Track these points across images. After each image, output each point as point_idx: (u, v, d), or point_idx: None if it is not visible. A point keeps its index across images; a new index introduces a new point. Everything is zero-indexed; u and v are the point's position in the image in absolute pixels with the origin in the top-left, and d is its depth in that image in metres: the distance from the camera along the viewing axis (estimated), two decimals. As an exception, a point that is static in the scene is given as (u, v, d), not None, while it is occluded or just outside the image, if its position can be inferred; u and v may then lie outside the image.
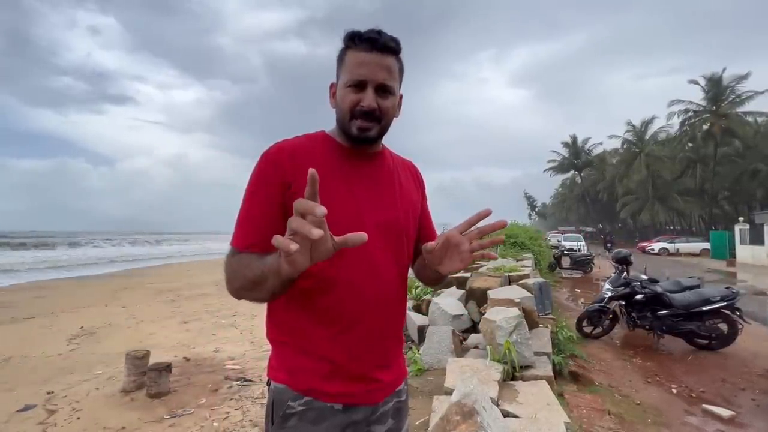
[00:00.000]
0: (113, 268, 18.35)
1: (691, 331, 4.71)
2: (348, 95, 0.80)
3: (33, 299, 9.06)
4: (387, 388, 0.88)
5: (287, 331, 0.84)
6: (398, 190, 0.91)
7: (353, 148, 0.86)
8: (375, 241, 0.82)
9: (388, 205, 0.87)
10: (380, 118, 0.82)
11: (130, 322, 6.44)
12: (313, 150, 0.83)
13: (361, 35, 0.79)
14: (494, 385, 2.28)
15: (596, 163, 41.80)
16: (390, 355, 0.89)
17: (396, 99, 0.85)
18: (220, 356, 4.50)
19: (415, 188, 0.98)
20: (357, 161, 0.86)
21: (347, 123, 0.82)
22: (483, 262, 6.67)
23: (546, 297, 4.36)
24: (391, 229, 0.87)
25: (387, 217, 0.86)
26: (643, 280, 5.10)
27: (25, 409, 3.20)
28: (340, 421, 0.81)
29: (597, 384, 3.42)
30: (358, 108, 0.80)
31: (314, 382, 0.81)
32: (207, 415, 2.99)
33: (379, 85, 0.80)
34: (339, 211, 0.79)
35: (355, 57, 0.80)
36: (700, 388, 3.67)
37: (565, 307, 7.13)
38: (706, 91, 26.62)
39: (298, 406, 0.80)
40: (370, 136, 0.82)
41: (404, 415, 0.95)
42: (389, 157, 0.94)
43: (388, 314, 0.86)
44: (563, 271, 12.61)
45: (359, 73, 0.79)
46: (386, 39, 0.80)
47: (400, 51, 0.83)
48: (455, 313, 4.00)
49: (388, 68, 0.81)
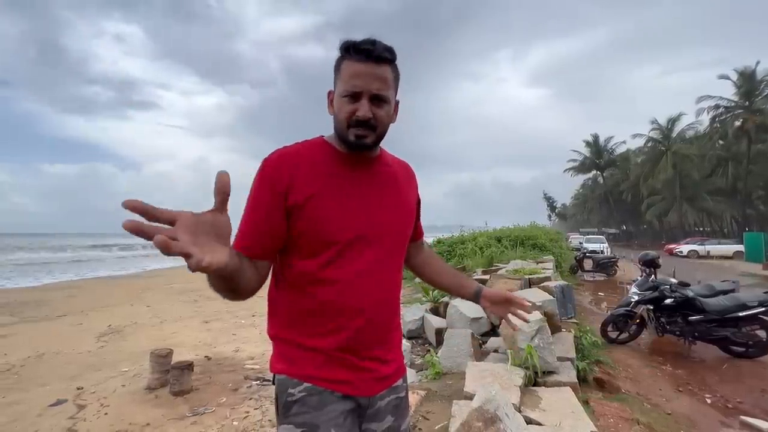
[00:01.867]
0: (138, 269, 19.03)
1: (725, 338, 4.46)
2: (344, 105, 0.83)
3: (65, 298, 9.49)
4: (384, 381, 0.91)
5: (286, 327, 0.88)
6: (396, 192, 0.95)
7: (351, 154, 0.89)
8: (372, 243, 0.87)
9: (386, 208, 0.91)
10: (375, 126, 0.84)
11: (154, 321, 6.64)
12: (313, 156, 0.87)
13: (356, 45, 0.82)
14: (516, 391, 2.22)
15: (619, 162, 40.50)
16: (387, 348, 0.93)
17: (391, 107, 0.88)
18: (240, 356, 4.57)
19: (411, 190, 1.02)
20: (355, 167, 0.89)
21: (345, 131, 0.85)
22: (502, 264, 6.57)
23: (568, 300, 4.23)
24: (388, 232, 0.91)
25: (384, 220, 0.90)
26: (672, 284, 4.87)
27: (57, 403, 3.34)
28: (341, 407, 0.84)
29: (624, 392, 3.28)
30: (354, 117, 0.83)
31: (312, 369, 0.84)
32: (227, 414, 3.04)
33: (374, 95, 0.83)
34: (337, 218, 0.84)
35: (350, 67, 0.83)
36: (736, 398, 3.46)
37: (588, 311, 6.90)
38: (739, 86, 25.41)
39: (298, 392, 0.83)
40: (366, 143, 0.85)
41: (404, 413, 0.96)
42: (387, 160, 0.97)
43: (384, 311, 0.90)
44: (585, 273, 12.23)
45: (354, 84, 0.82)
46: (380, 49, 0.82)
47: (395, 60, 0.86)
48: (474, 315, 3.93)
49: (383, 78, 0.83)
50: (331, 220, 0.83)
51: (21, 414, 3.16)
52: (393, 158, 1.01)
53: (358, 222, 0.86)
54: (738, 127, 25.68)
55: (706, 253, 21.44)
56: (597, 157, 41.68)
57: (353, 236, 0.85)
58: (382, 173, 0.94)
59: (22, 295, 10.15)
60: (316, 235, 0.83)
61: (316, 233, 0.83)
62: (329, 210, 0.83)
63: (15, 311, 7.75)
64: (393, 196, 0.94)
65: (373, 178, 0.92)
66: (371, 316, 0.87)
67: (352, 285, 0.85)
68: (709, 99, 26.96)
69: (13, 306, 8.34)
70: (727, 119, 26.94)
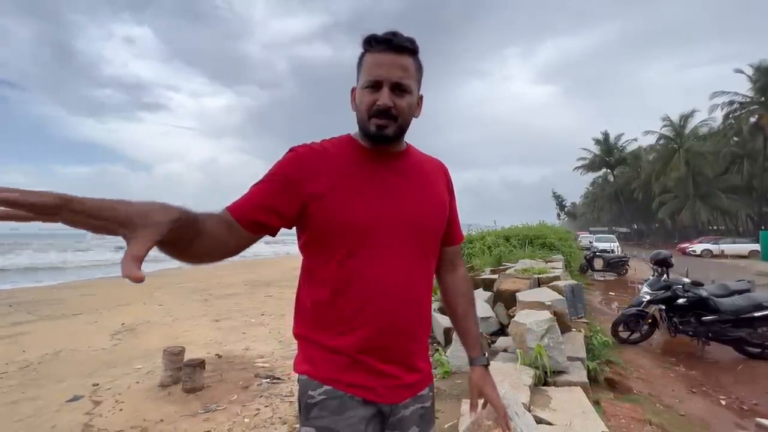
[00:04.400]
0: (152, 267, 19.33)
1: (740, 339, 4.38)
2: (365, 96, 0.82)
3: (80, 297, 9.69)
4: (409, 389, 0.87)
5: (311, 326, 0.87)
6: (423, 188, 0.90)
7: (376, 149, 0.87)
8: (397, 239, 0.84)
9: (412, 203, 0.87)
10: (396, 116, 0.82)
11: (167, 320, 6.75)
12: (338, 151, 0.86)
13: (377, 37, 0.81)
14: (525, 390, 2.21)
15: (630, 160, 39.82)
16: (412, 355, 0.88)
17: (414, 98, 0.85)
18: (250, 354, 4.63)
19: (444, 188, 0.98)
20: (380, 161, 0.87)
21: (366, 123, 0.83)
22: (511, 263, 6.51)
23: (578, 300, 4.19)
24: (414, 228, 0.86)
25: (410, 216, 0.86)
26: (685, 283, 4.79)
27: (73, 399, 3.42)
28: (361, 413, 0.81)
29: (636, 392, 3.24)
30: (375, 107, 0.81)
31: (334, 372, 0.82)
32: (238, 411, 3.08)
33: (395, 84, 0.81)
34: (357, 212, 0.82)
35: (372, 58, 0.82)
36: (752, 400, 3.39)
37: (598, 311, 6.82)
38: (754, 81, 24.79)
39: (318, 395, 0.82)
40: (387, 134, 0.83)
41: (429, 424, 0.93)
42: (415, 156, 0.94)
43: (409, 313, 0.86)
44: (595, 273, 12.08)
45: (375, 74, 0.81)
46: (401, 39, 0.81)
47: (417, 51, 0.84)
48: (483, 315, 3.92)
49: (404, 67, 0.81)
50: (350, 209, 0.82)
51: (39, 409, 3.24)
52: (422, 154, 0.98)
53: (379, 213, 0.83)
54: (753, 124, 25.07)
55: (721, 252, 20.98)
56: (607, 154, 41.05)
57: (373, 226, 0.82)
58: (408, 167, 0.90)
59: (40, 293, 10.39)
60: (335, 224, 0.81)
61: (336, 222, 0.81)
62: (349, 200, 0.82)
63: (32, 309, 7.94)
64: (419, 189, 0.89)
65: (397, 171, 0.88)
66: (395, 316, 0.83)
67: (375, 282, 0.82)
68: (723, 95, 26.40)
69: (31, 304, 8.54)
70: (742, 115, 26.32)
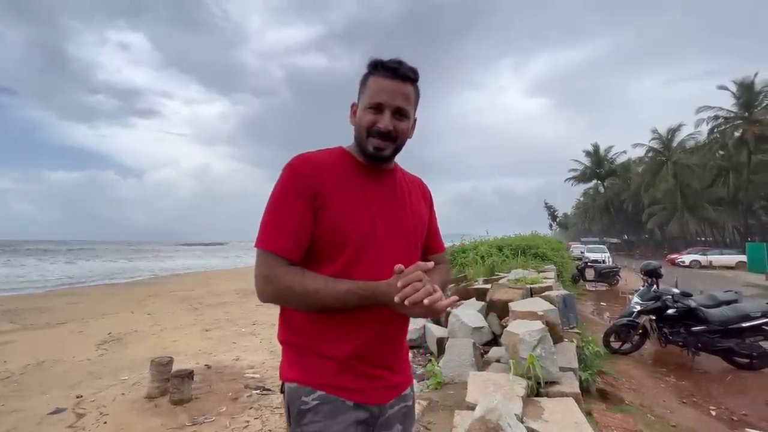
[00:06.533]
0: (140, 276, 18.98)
1: (729, 349, 4.42)
2: (367, 116, 0.88)
3: (66, 305, 9.48)
4: (394, 389, 0.94)
5: (300, 333, 0.90)
6: (408, 204, 0.99)
7: (369, 165, 0.93)
8: (387, 250, 0.91)
9: (400, 218, 0.95)
10: (395, 138, 0.89)
11: (155, 329, 6.62)
12: (335, 164, 0.90)
13: (384, 63, 0.88)
14: (518, 401, 2.20)
15: (620, 172, 40.55)
16: (396, 358, 0.95)
17: (411, 122, 0.93)
18: (240, 364, 4.55)
19: (423, 204, 1.07)
20: (373, 177, 0.94)
21: (364, 140, 0.89)
22: (504, 273, 6.55)
23: (570, 310, 4.21)
24: (404, 240, 0.95)
25: (398, 229, 0.94)
26: (674, 294, 4.85)
27: (56, 412, 3.32)
28: (353, 416, 0.85)
29: (627, 403, 3.24)
30: (375, 128, 0.87)
31: (325, 377, 0.86)
32: (227, 423, 3.01)
33: (397, 109, 0.88)
34: (358, 222, 0.88)
35: (376, 83, 0.88)
36: (741, 410, 3.42)
37: (590, 321, 6.85)
38: (738, 96, 25.57)
39: (311, 401, 0.84)
40: (384, 155, 0.90)
41: (411, 421, 1.00)
42: (400, 174, 1.02)
43: (396, 321, 0.92)
44: (587, 283, 12.17)
45: (379, 98, 0.87)
46: (406, 69, 0.88)
47: (418, 80, 0.92)
48: (476, 325, 3.92)
49: (406, 95, 0.89)
50: (349, 222, 0.87)
51: (20, 422, 3.14)
52: (407, 173, 1.07)
53: (374, 226, 0.89)
54: (738, 138, 25.78)
55: (709, 263, 21.32)
56: (597, 166, 41.76)
57: (369, 239, 0.88)
58: (396, 185, 0.99)
59: (24, 302, 10.13)
60: (334, 236, 0.86)
61: (335, 235, 0.86)
62: (348, 213, 0.87)
63: (16, 318, 7.73)
64: (405, 206, 0.98)
65: (387, 188, 0.96)
66: (385, 325, 0.89)
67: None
68: (708, 109, 27.13)
69: (15, 313, 8.32)
70: (726, 129, 27.06)
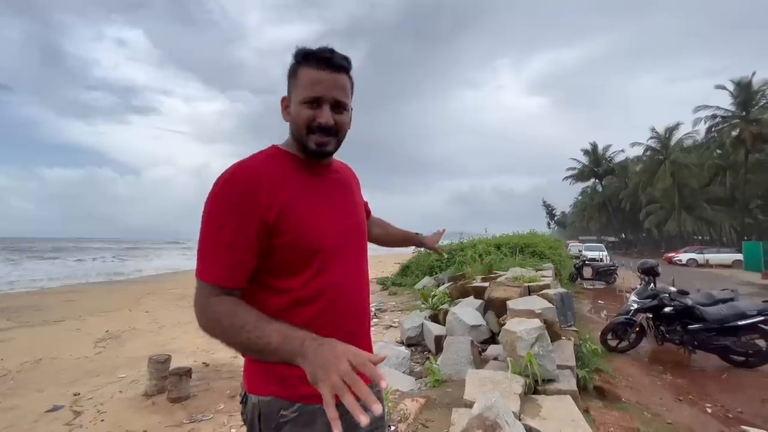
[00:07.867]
0: (138, 274, 18.93)
1: (725, 347, 4.45)
2: (303, 111, 0.82)
3: (64, 303, 9.44)
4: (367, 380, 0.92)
5: None
6: (351, 194, 0.98)
7: (309, 161, 0.89)
8: (350, 248, 0.90)
9: (351, 211, 0.94)
10: (337, 132, 0.85)
11: (153, 327, 6.60)
12: (273, 167, 0.83)
13: (314, 53, 0.82)
14: (516, 399, 2.21)
15: (618, 170, 40.67)
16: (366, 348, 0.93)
17: (350, 114, 0.89)
18: (238, 362, 4.54)
19: (359, 190, 1.06)
20: (314, 173, 0.89)
21: (304, 137, 0.84)
22: (502, 272, 6.56)
23: (568, 308, 4.22)
24: (356, 233, 0.94)
25: (352, 222, 0.93)
26: (671, 292, 4.88)
27: (53, 409, 3.31)
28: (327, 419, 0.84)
29: (624, 401, 3.26)
30: (314, 123, 0.82)
31: (304, 388, 0.81)
32: (225, 421, 3.01)
33: (335, 102, 0.83)
34: (324, 226, 0.85)
35: (309, 74, 0.82)
36: (737, 408, 3.45)
37: (587, 320, 6.88)
38: (735, 96, 25.65)
39: (290, 413, 0.82)
40: (327, 151, 0.86)
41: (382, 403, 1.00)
42: (336, 164, 0.99)
43: (362, 311, 0.92)
44: (585, 281, 12.21)
45: (315, 91, 0.81)
46: (339, 58, 0.83)
47: (351, 69, 0.87)
48: (473, 323, 3.93)
49: (343, 87, 0.84)
50: (311, 227, 0.82)
51: (17, 420, 3.13)
52: (338, 162, 1.02)
53: (334, 227, 0.86)
54: (735, 137, 25.87)
55: (705, 262, 21.43)
56: (595, 165, 41.84)
57: (334, 242, 0.85)
58: (337, 178, 0.96)
59: (20, 299, 10.09)
60: (300, 246, 0.80)
61: (303, 243, 0.81)
62: (312, 220, 0.83)
63: (12, 316, 7.70)
64: (350, 197, 0.97)
65: (331, 183, 0.93)
66: (356, 321, 0.90)
67: (335, 293, 0.85)
68: (706, 109, 27.20)
69: (11, 310, 8.29)
70: (724, 129, 27.15)
